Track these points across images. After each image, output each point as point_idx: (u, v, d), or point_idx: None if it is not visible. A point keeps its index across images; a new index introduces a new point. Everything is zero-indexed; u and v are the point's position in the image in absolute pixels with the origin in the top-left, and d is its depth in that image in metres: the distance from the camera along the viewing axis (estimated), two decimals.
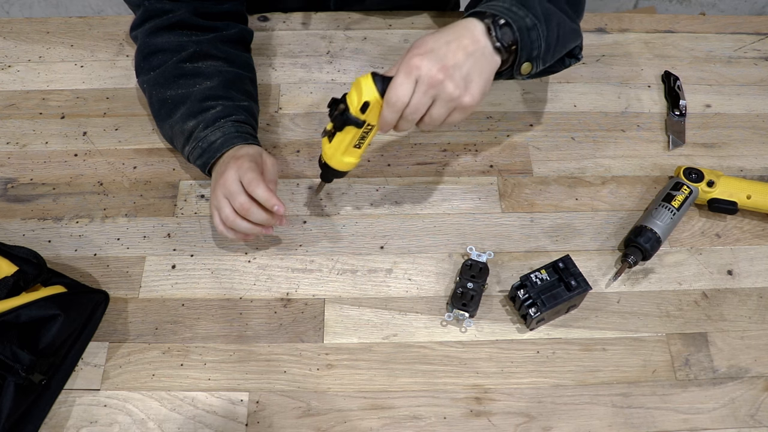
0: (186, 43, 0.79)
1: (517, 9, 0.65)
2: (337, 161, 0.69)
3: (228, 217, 0.69)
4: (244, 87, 0.82)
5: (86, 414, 0.66)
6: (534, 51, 0.66)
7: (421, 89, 0.61)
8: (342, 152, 0.68)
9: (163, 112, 0.78)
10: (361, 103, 0.63)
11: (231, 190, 0.68)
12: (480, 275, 0.73)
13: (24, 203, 0.81)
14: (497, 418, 0.67)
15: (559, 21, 0.69)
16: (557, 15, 0.69)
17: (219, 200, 0.69)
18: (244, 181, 0.68)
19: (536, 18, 0.65)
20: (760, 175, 0.85)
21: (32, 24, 0.98)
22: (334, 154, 0.68)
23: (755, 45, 0.98)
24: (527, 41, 0.65)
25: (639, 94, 0.93)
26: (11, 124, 0.88)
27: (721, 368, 0.71)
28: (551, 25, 0.67)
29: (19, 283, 0.66)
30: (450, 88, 0.61)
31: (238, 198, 0.68)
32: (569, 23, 0.72)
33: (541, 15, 0.66)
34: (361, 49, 0.95)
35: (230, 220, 0.69)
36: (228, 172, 0.69)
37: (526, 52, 0.66)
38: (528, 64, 0.67)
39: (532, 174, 0.84)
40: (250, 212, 0.68)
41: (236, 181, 0.68)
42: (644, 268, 0.77)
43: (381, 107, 0.63)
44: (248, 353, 0.70)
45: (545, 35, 0.67)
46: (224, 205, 0.69)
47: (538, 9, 0.66)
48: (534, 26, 0.65)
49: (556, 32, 0.68)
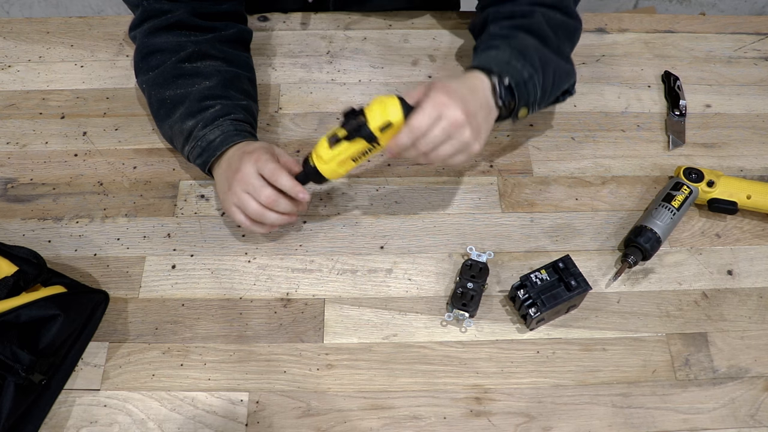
0: (185, 43, 0.79)
1: (515, 62, 0.71)
2: (330, 169, 0.68)
3: (255, 211, 0.69)
4: (242, 86, 0.82)
5: (86, 414, 0.66)
6: (531, 99, 0.72)
7: (442, 125, 0.64)
8: (338, 162, 0.68)
9: (162, 112, 0.78)
10: (385, 122, 0.64)
11: (254, 185, 0.68)
12: (480, 275, 0.73)
13: (24, 203, 0.81)
14: (497, 418, 0.67)
15: (555, 67, 0.75)
16: (553, 61, 0.75)
17: (240, 196, 0.69)
18: (265, 172, 0.68)
19: (533, 68, 0.71)
20: (760, 175, 0.85)
21: (32, 24, 0.98)
22: (330, 161, 0.68)
23: (755, 45, 0.98)
24: (524, 92, 0.71)
25: (639, 94, 0.93)
26: (11, 124, 0.88)
27: (721, 368, 0.71)
28: (548, 71, 0.73)
29: (19, 283, 0.66)
30: (467, 133, 0.65)
31: (264, 191, 0.68)
32: (564, 65, 0.77)
33: (538, 64, 0.72)
34: (361, 49, 0.96)
35: (258, 214, 0.69)
36: (245, 167, 0.69)
37: (524, 101, 0.72)
38: (525, 109, 0.73)
39: (532, 174, 0.84)
40: (277, 203, 0.69)
41: (256, 174, 0.69)
42: (644, 268, 0.77)
43: (398, 131, 0.65)
44: (248, 353, 0.70)
45: (541, 83, 0.73)
46: (247, 199, 0.69)
47: (536, 58, 0.72)
48: (531, 77, 0.71)
49: (552, 78, 0.74)
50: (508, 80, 0.69)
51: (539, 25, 0.76)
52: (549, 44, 0.75)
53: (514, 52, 0.72)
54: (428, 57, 0.95)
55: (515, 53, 0.72)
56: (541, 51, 0.74)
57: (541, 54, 0.73)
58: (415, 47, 0.96)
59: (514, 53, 0.72)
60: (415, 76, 0.93)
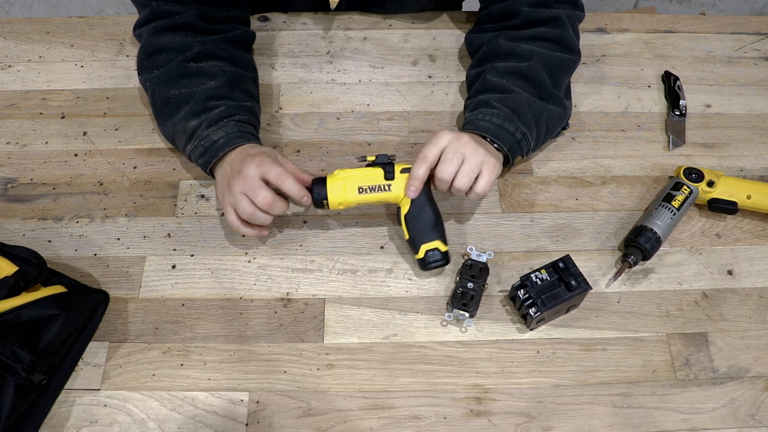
0: (191, 43, 0.79)
1: (508, 125, 0.75)
2: (335, 187, 0.71)
3: (246, 210, 0.69)
4: (246, 87, 0.82)
5: (86, 414, 0.66)
6: (524, 151, 0.77)
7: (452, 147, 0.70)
8: (345, 187, 0.71)
9: (165, 111, 0.78)
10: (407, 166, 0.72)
11: (252, 186, 0.69)
12: (480, 275, 0.73)
13: (24, 203, 0.81)
14: (497, 418, 0.67)
15: (548, 116, 0.78)
16: (546, 111, 0.78)
17: (237, 196, 0.70)
18: (270, 175, 0.69)
19: (526, 127, 0.76)
20: (760, 175, 0.85)
21: (32, 24, 0.98)
22: (341, 179, 0.71)
23: (755, 45, 0.98)
24: (517, 149, 0.76)
25: (639, 94, 0.93)
26: (11, 124, 0.88)
27: (721, 368, 0.71)
28: (541, 124, 0.78)
29: (19, 283, 0.66)
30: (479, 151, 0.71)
31: (261, 192, 0.68)
32: (557, 111, 0.80)
33: (532, 121, 0.76)
34: (361, 49, 0.96)
35: (248, 213, 0.69)
36: (247, 169, 0.69)
37: (518, 155, 0.77)
38: (519, 158, 0.79)
39: (532, 174, 0.84)
40: (274, 206, 0.69)
41: (257, 177, 0.69)
42: (644, 268, 0.77)
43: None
44: (248, 353, 0.70)
45: (534, 137, 0.77)
46: (242, 199, 0.69)
47: (529, 116, 0.76)
48: (524, 136, 0.76)
49: (545, 128, 0.79)
50: (498, 145, 0.74)
51: (536, 72, 0.78)
52: (544, 93, 0.78)
53: (507, 113, 0.76)
54: (428, 57, 0.95)
55: (508, 115, 0.75)
56: (534, 106, 0.77)
57: (535, 109, 0.77)
58: (415, 47, 0.96)
59: (507, 115, 0.75)
60: (415, 76, 0.93)
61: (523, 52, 0.80)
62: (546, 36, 0.81)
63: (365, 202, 0.73)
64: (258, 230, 0.73)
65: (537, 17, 0.82)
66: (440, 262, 0.72)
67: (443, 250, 0.72)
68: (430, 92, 0.92)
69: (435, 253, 0.72)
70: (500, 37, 0.83)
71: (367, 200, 0.73)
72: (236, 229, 0.72)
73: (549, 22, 0.82)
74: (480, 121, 0.76)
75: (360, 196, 0.72)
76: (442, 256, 0.72)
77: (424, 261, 0.73)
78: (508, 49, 0.81)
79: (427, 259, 0.72)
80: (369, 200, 0.73)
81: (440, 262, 0.72)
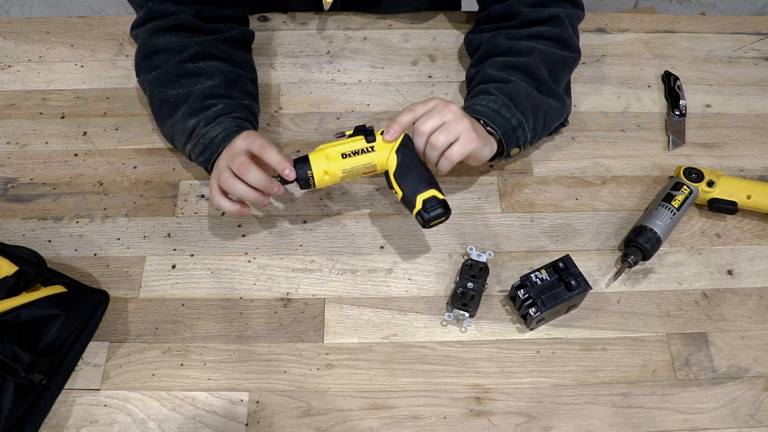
0: (188, 43, 0.79)
1: (505, 111, 0.75)
2: (318, 159, 0.70)
3: (226, 180, 0.69)
4: (245, 87, 0.82)
5: (86, 414, 0.66)
6: (520, 141, 0.77)
7: (436, 105, 0.71)
8: (328, 155, 0.69)
9: (164, 111, 0.78)
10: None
11: (234, 155, 0.69)
12: (480, 275, 0.73)
13: (24, 203, 0.81)
14: (497, 418, 0.67)
15: (546, 109, 0.78)
16: (545, 104, 0.78)
17: (219, 169, 0.70)
18: (254, 147, 0.69)
19: (523, 115, 0.75)
20: (760, 175, 0.85)
21: (32, 24, 0.98)
22: (322, 149, 0.70)
23: (755, 45, 0.98)
24: (512, 138, 0.76)
25: (639, 94, 0.93)
26: (11, 124, 0.88)
27: (721, 368, 0.71)
28: (538, 115, 0.77)
29: (19, 283, 0.66)
30: (462, 118, 0.70)
31: (238, 158, 0.68)
32: (556, 105, 0.80)
33: (528, 110, 0.76)
34: (361, 49, 0.96)
35: (229, 184, 0.68)
36: (234, 142, 0.70)
37: (513, 144, 0.77)
38: (516, 149, 0.78)
39: (532, 174, 0.84)
40: (248, 171, 0.67)
41: (242, 149, 0.69)
42: (644, 268, 0.77)
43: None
44: (248, 353, 0.70)
45: (531, 126, 0.77)
46: (224, 170, 0.69)
47: (527, 105, 0.76)
48: (520, 124, 0.75)
49: (543, 120, 0.78)
50: (491, 129, 0.74)
51: (535, 67, 0.78)
52: (543, 87, 0.78)
53: (505, 100, 0.75)
54: (428, 57, 0.95)
55: (505, 102, 0.75)
56: (532, 96, 0.77)
57: (533, 99, 0.77)
58: (415, 47, 0.96)
59: (504, 102, 0.75)
60: (415, 76, 0.93)
61: (522, 48, 0.80)
62: (545, 34, 0.81)
63: (351, 168, 0.70)
64: (239, 207, 0.71)
65: (536, 17, 0.82)
66: (440, 211, 0.67)
67: (441, 198, 0.68)
68: (430, 92, 0.92)
69: (433, 201, 0.67)
70: (499, 36, 0.83)
71: (353, 166, 0.69)
72: (216, 204, 0.71)
73: (548, 21, 0.82)
74: (476, 105, 0.76)
75: (344, 161, 0.69)
76: (440, 204, 0.67)
77: (423, 213, 0.67)
78: (507, 47, 0.81)
79: (426, 208, 0.67)
80: (354, 167, 0.70)
81: (440, 211, 0.67)
